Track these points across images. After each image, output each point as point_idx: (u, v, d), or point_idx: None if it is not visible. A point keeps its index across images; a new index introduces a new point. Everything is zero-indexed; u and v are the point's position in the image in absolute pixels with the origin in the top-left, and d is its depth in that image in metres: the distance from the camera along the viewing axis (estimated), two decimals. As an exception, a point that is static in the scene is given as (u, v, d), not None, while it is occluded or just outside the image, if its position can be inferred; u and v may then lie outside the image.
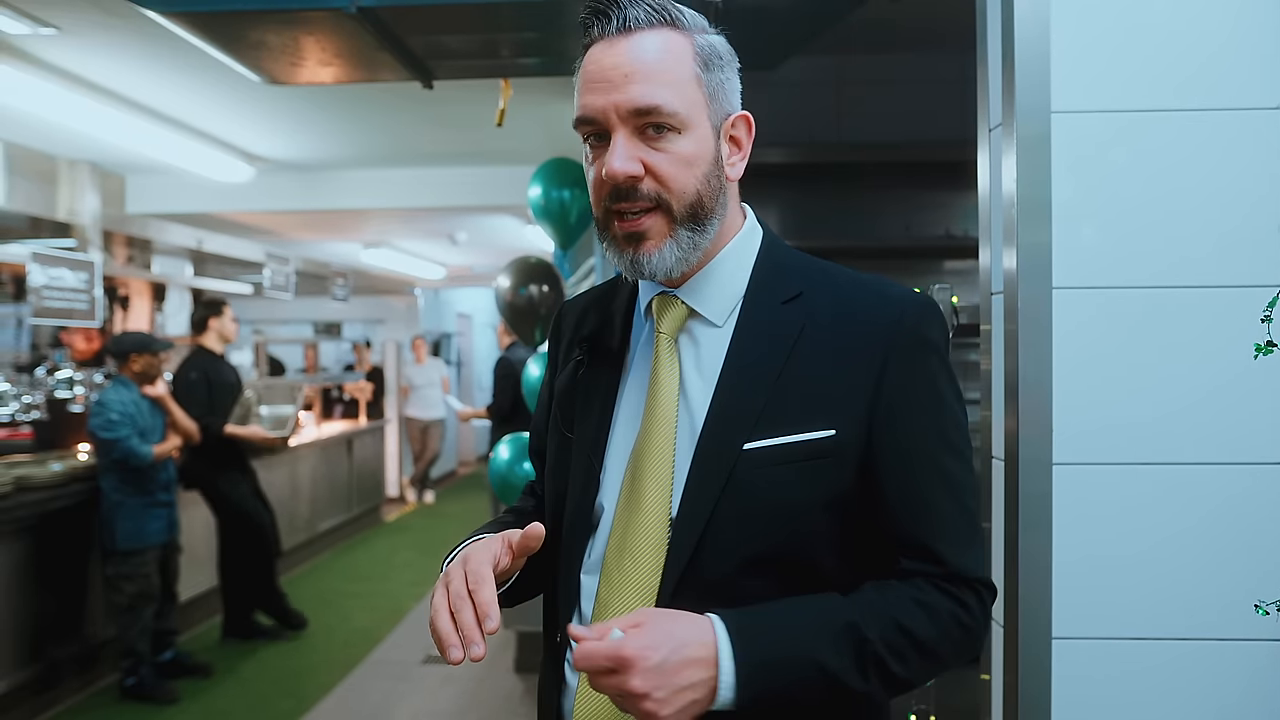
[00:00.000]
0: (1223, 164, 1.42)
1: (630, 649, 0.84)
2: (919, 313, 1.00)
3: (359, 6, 2.24)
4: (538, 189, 3.65)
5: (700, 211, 0.98)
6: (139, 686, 4.23)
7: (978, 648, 1.00)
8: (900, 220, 3.60)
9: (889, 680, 0.93)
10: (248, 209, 6.98)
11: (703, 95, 0.98)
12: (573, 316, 1.18)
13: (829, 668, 0.90)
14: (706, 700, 0.87)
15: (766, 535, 0.95)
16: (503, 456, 3.47)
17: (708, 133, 0.98)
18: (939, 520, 0.97)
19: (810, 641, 0.90)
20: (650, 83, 0.95)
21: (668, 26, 0.98)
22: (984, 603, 0.99)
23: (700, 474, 0.97)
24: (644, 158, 0.96)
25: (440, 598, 0.94)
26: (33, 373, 5.92)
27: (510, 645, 4.80)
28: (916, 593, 0.95)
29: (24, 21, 3.54)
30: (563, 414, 1.11)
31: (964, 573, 0.97)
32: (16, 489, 3.92)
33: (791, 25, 2.57)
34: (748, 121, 1.03)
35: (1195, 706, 1.43)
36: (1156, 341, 1.43)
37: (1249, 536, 1.42)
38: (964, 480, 0.99)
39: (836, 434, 0.95)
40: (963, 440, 1.00)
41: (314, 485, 7.12)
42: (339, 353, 12.25)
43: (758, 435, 0.96)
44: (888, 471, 0.96)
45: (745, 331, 1.01)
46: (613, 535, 1.00)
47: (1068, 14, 1.43)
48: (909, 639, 0.93)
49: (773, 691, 0.89)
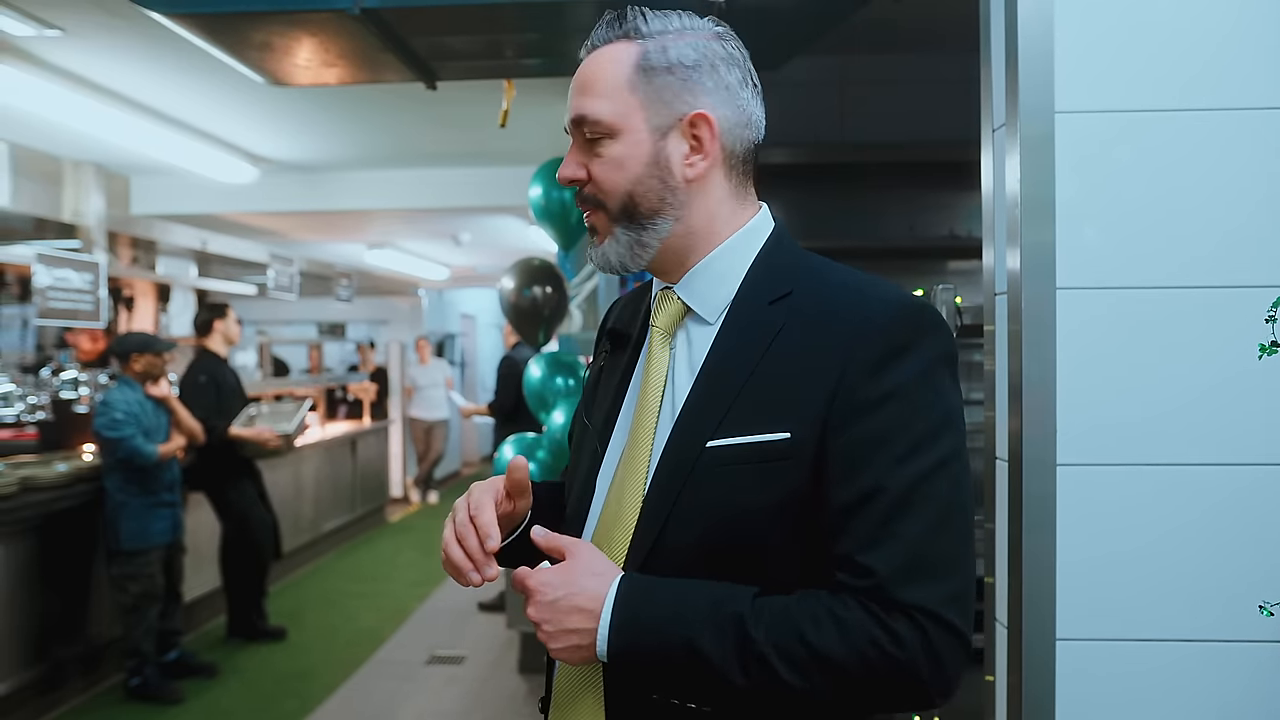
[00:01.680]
0: (1227, 164, 1.42)
1: (533, 581, 0.96)
2: (893, 318, 0.96)
3: (362, 8, 2.24)
4: (538, 189, 3.65)
5: (635, 211, 1.02)
6: (144, 686, 4.24)
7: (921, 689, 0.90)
8: (904, 220, 3.60)
9: (779, 685, 0.89)
10: (252, 210, 6.99)
11: (637, 100, 1.01)
12: (612, 314, 1.24)
13: (703, 652, 0.90)
14: (589, 648, 0.94)
15: (720, 533, 0.96)
16: (507, 457, 3.48)
17: (642, 136, 1.01)
18: (877, 536, 0.91)
19: (691, 621, 0.91)
20: (582, 95, 1.03)
21: (622, 40, 1.03)
22: (926, 638, 0.89)
23: (666, 468, 1.00)
24: (586, 163, 1.04)
25: (448, 531, 1.02)
26: (38, 373, 5.93)
27: (514, 646, 4.80)
28: (837, 606, 0.91)
29: (29, 23, 3.55)
30: (585, 402, 1.19)
31: (899, 597, 0.89)
32: (22, 489, 3.93)
33: (795, 26, 2.57)
34: (707, 120, 1.02)
35: (1199, 708, 1.43)
36: (1160, 342, 1.43)
37: (1253, 537, 1.42)
38: (927, 501, 0.92)
39: (791, 437, 0.94)
40: (935, 459, 0.93)
41: (318, 485, 7.13)
42: (343, 353, 12.27)
43: (721, 434, 0.97)
44: (834, 477, 0.93)
45: (729, 329, 1.03)
46: (601, 519, 1.05)
47: (1071, 14, 1.43)
48: (807, 648, 0.89)
49: (641, 657, 0.93)
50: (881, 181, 3.54)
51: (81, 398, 5.15)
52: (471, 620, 5.57)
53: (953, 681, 0.92)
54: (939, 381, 0.96)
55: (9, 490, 3.85)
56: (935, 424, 0.94)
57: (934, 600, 0.90)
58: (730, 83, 1.03)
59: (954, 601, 0.91)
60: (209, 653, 4.89)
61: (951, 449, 0.95)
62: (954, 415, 0.96)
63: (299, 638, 5.22)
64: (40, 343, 6.76)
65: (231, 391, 5.01)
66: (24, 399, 5.41)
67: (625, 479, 1.03)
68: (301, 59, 2.60)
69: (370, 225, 8.05)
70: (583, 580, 0.95)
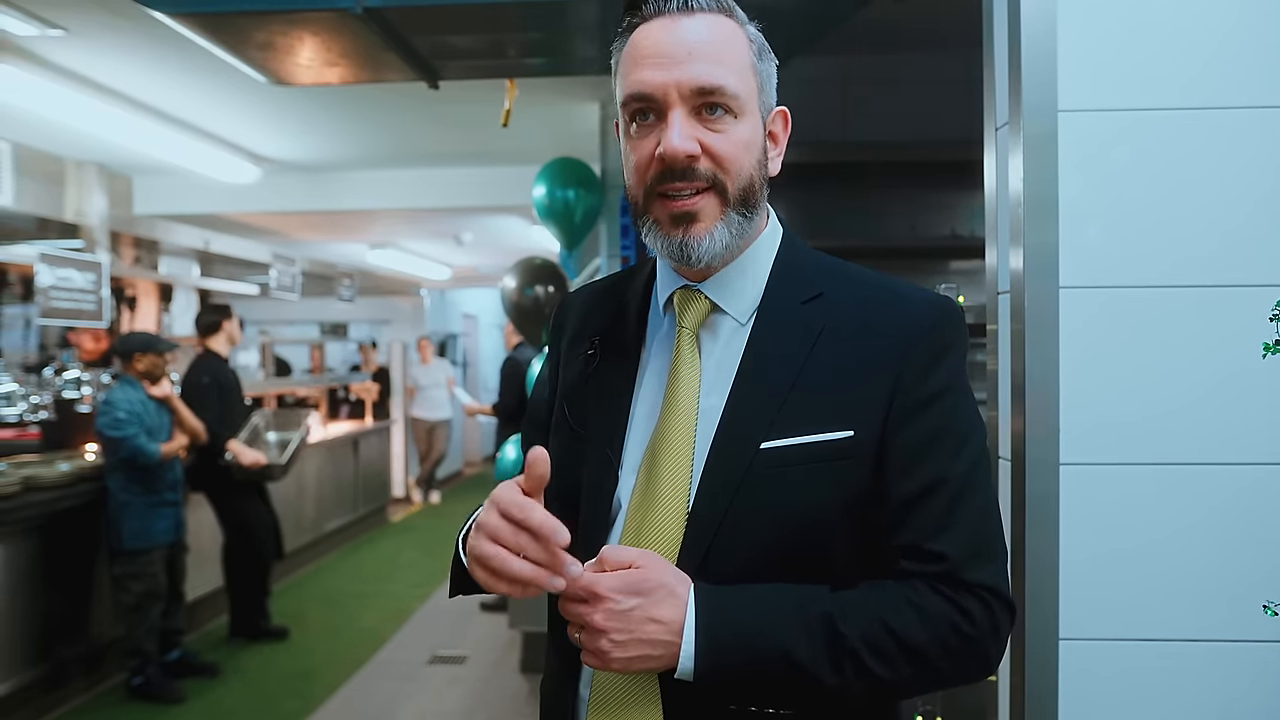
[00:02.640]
0: (1232, 163, 1.42)
1: (605, 587, 0.88)
2: (937, 318, 1.00)
3: (365, 7, 2.24)
4: (542, 189, 3.65)
5: (751, 197, 0.99)
6: (146, 686, 4.25)
7: (986, 663, 0.96)
8: (906, 220, 3.60)
9: (869, 678, 0.90)
10: (254, 210, 6.99)
11: (756, 83, 0.99)
12: (576, 310, 1.16)
13: (796, 656, 0.89)
14: (663, 662, 0.90)
15: (780, 534, 0.95)
16: (509, 457, 3.48)
17: (759, 121, 1.00)
18: (944, 523, 0.94)
19: (780, 627, 0.90)
20: (715, 63, 0.95)
21: (725, 14, 0.99)
22: (993, 614, 0.94)
23: (716, 471, 0.96)
24: (701, 138, 0.96)
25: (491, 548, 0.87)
26: (40, 373, 5.94)
27: (516, 645, 4.80)
28: (911, 593, 0.93)
29: (32, 23, 3.55)
30: (572, 410, 1.09)
31: (967, 578, 0.93)
32: (24, 489, 3.94)
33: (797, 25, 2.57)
34: (785, 116, 1.04)
35: (1203, 708, 1.42)
36: (1164, 341, 1.42)
37: (1257, 537, 1.41)
38: (976, 488, 0.97)
39: (854, 435, 0.95)
40: (977, 448, 0.99)
41: (320, 485, 7.13)
42: (345, 353, 12.28)
43: (775, 435, 0.95)
44: (894, 473, 0.95)
45: (765, 330, 1.01)
46: (626, 530, 0.99)
47: (1074, 12, 1.43)
48: (894, 639, 0.90)
49: (732, 670, 0.90)
50: (883, 181, 3.54)
51: (84, 397, 5.15)
52: (473, 620, 5.57)
53: (1004, 651, 0.98)
54: (968, 375, 1.02)
55: (12, 490, 3.86)
56: (974, 415, 1.00)
57: (995, 578, 0.95)
58: None
59: (1005, 576, 0.98)
60: (211, 652, 4.89)
61: (984, 437, 1.01)
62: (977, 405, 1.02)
63: (301, 637, 5.22)
64: (43, 342, 6.77)
65: (233, 392, 5.02)
66: (27, 398, 5.42)
67: (660, 487, 0.97)
68: (304, 58, 2.60)
69: (372, 225, 8.05)
70: (659, 589, 0.90)
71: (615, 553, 0.91)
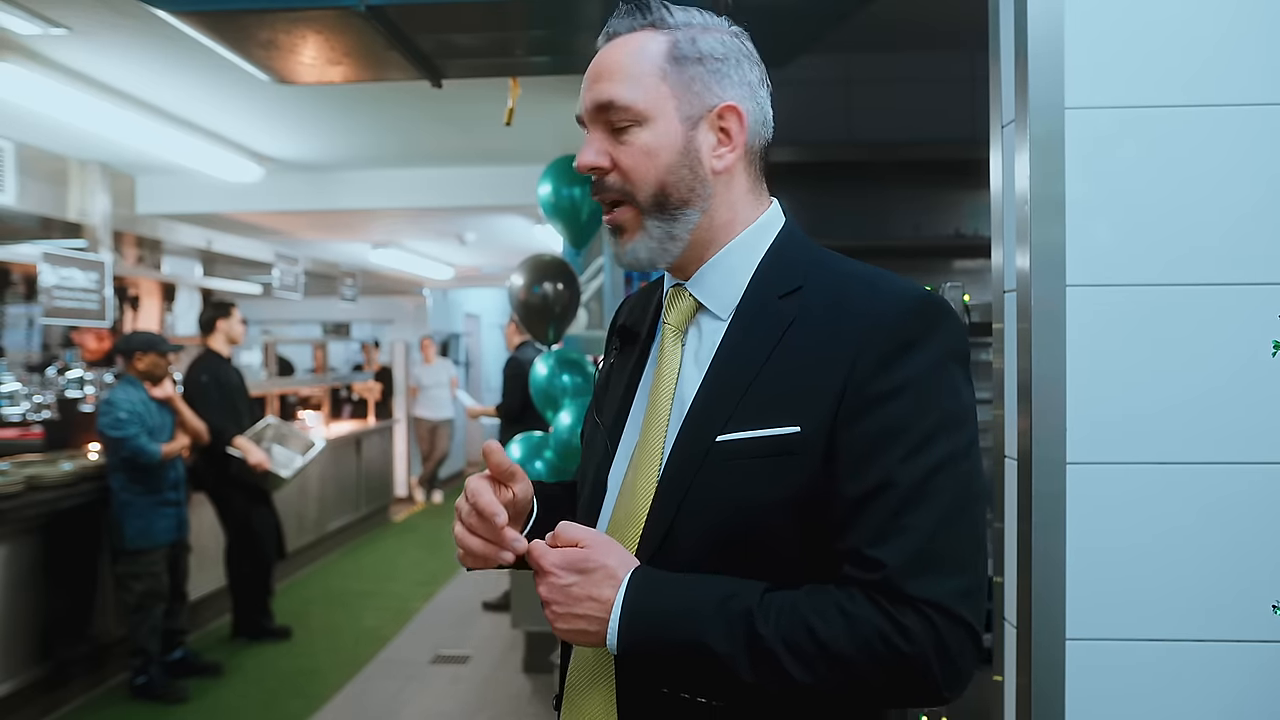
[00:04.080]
0: (1240, 159, 1.41)
1: (548, 562, 0.95)
2: (904, 311, 0.95)
3: (368, 5, 2.24)
4: (548, 187, 3.63)
5: (667, 202, 1.01)
6: (148, 685, 4.25)
7: (930, 684, 0.89)
8: (910, 219, 3.59)
9: (785, 680, 0.89)
10: (257, 209, 7.00)
11: (668, 88, 1.01)
12: (624, 308, 1.24)
13: (712, 647, 0.90)
14: (597, 635, 0.95)
15: (729, 527, 0.96)
16: (513, 456, 3.47)
17: (673, 125, 1.01)
18: (887, 529, 0.90)
19: (700, 616, 0.91)
20: (609, 81, 1.01)
21: (647, 29, 1.03)
22: (936, 632, 0.88)
23: (676, 462, 1.00)
24: (611, 151, 1.02)
25: (459, 529, 1.02)
26: (43, 372, 5.94)
27: (519, 645, 4.80)
28: (845, 600, 0.90)
29: (35, 22, 3.55)
30: (595, 400, 1.19)
31: (908, 590, 0.88)
32: (27, 488, 3.94)
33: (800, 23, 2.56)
34: (736, 112, 1.03)
35: (1210, 708, 1.42)
36: (1172, 339, 1.42)
37: (1266, 537, 1.40)
38: (935, 495, 0.91)
39: (801, 431, 0.94)
40: (945, 453, 0.92)
41: (322, 485, 7.14)
42: (347, 353, 12.28)
43: (730, 428, 0.96)
44: (843, 471, 0.92)
45: (738, 324, 1.02)
46: (614, 515, 1.05)
47: (1081, 9, 1.42)
48: (814, 643, 0.88)
49: (649, 651, 0.93)
50: (887, 180, 3.53)
51: (87, 397, 5.15)
52: (476, 620, 5.57)
53: (963, 677, 0.91)
54: (950, 376, 0.96)
55: (14, 489, 3.86)
56: (945, 418, 0.94)
57: (943, 594, 0.89)
58: (751, 80, 1.05)
59: (964, 596, 0.90)
60: (213, 652, 4.89)
61: (962, 444, 0.94)
62: (965, 410, 0.96)
63: (303, 637, 5.22)
64: (46, 342, 6.77)
65: (235, 390, 5.01)
66: (29, 398, 5.42)
67: (637, 475, 1.03)
68: (307, 57, 2.60)
69: (375, 224, 8.05)
70: (597, 569, 0.95)
71: (567, 530, 0.97)
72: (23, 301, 6.74)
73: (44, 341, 6.78)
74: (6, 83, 4.11)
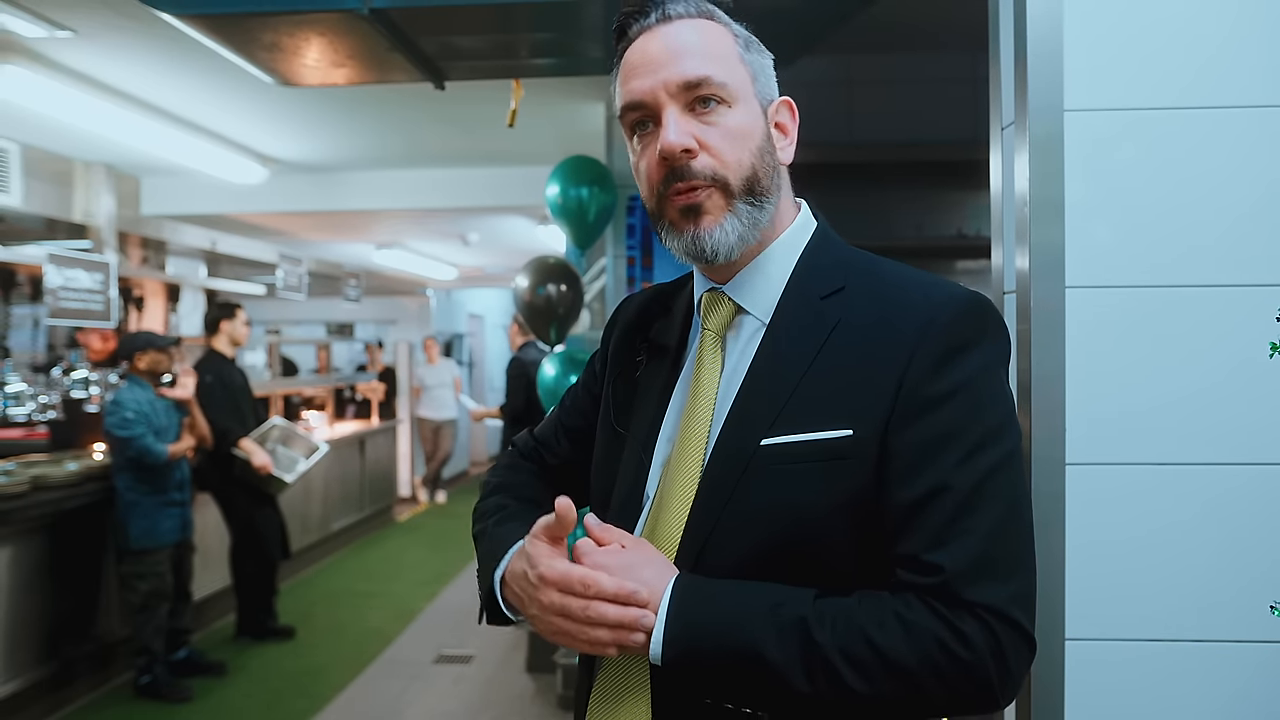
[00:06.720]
0: (1238, 162, 1.41)
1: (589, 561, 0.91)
2: (958, 314, 0.94)
3: (371, 8, 2.25)
4: (556, 187, 3.65)
5: (757, 186, 0.98)
6: (153, 685, 4.26)
7: (987, 691, 0.87)
8: (912, 220, 3.60)
9: (843, 690, 0.86)
10: (261, 210, 7.01)
11: (747, 72, 0.99)
12: (627, 313, 1.19)
13: (766, 657, 0.86)
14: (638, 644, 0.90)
15: (771, 533, 0.93)
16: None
17: (756, 109, 0.99)
18: (945, 534, 0.88)
19: (752, 625, 0.87)
20: (697, 57, 0.96)
21: (704, 17, 1.00)
22: (995, 638, 0.86)
23: (718, 466, 0.96)
24: (696, 133, 0.96)
25: (564, 624, 0.91)
26: (49, 373, 5.97)
27: (522, 645, 4.81)
28: (901, 607, 0.87)
29: (41, 25, 3.56)
30: (617, 410, 1.11)
31: (967, 596, 0.86)
32: (33, 488, 3.95)
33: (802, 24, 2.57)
34: (790, 106, 1.03)
35: (1209, 709, 1.42)
36: (1171, 340, 1.42)
37: (1265, 538, 1.41)
38: (992, 499, 0.89)
39: (854, 434, 0.91)
40: (1000, 456, 0.91)
41: (326, 485, 7.15)
42: (351, 353, 12.30)
43: (776, 431, 0.93)
44: (897, 476, 0.90)
45: (779, 326, 0.99)
46: (647, 524, 1.01)
47: (1081, 11, 1.43)
48: (873, 651, 0.85)
49: (699, 661, 0.89)
50: (889, 181, 3.54)
51: (92, 397, 5.18)
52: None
53: (1019, 683, 0.90)
54: (999, 379, 0.95)
55: (20, 489, 3.87)
56: (998, 421, 0.93)
57: (1001, 599, 0.87)
58: None
59: (1020, 601, 0.89)
60: (218, 651, 4.90)
61: (1010, 447, 0.93)
62: (1011, 413, 0.95)
63: (307, 637, 5.23)
64: (51, 342, 6.79)
65: (240, 391, 5.03)
66: (35, 398, 5.45)
67: (674, 482, 0.98)
68: (310, 59, 2.61)
69: (378, 225, 8.06)
70: (641, 572, 0.91)
71: (604, 531, 0.94)
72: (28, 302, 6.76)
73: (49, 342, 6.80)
74: (12, 85, 4.13)
